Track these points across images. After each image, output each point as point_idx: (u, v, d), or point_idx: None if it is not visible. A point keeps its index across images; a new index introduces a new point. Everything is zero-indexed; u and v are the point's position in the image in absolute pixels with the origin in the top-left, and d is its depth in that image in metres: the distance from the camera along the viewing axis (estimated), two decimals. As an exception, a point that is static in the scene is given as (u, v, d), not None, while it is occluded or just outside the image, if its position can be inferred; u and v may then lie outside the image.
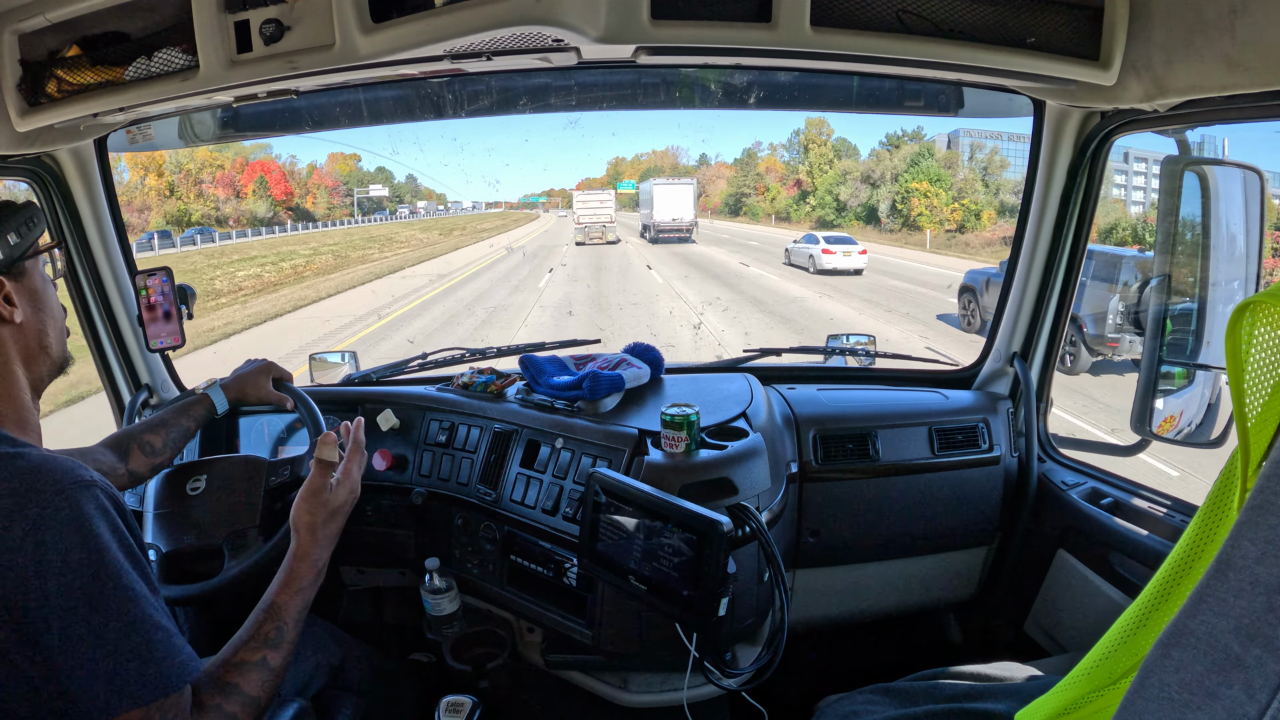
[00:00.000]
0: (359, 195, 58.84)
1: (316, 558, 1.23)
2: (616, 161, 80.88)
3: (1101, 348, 9.45)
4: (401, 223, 56.58)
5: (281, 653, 1.12)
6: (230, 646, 1.10)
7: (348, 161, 58.54)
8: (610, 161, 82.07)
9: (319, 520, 1.26)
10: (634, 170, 72.97)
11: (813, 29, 1.29)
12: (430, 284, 21.91)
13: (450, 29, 1.25)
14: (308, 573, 1.21)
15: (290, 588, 1.18)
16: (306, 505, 1.27)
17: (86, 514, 0.93)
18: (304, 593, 1.19)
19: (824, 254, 20.31)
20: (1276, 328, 0.60)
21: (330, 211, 54.74)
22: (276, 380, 1.82)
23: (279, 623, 1.14)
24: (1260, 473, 0.54)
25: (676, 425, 1.62)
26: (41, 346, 1.14)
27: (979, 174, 38.62)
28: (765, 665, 1.47)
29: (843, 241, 21.16)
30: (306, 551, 1.23)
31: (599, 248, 31.25)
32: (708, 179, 61.48)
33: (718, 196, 59.81)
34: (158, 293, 1.85)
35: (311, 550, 1.23)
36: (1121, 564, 1.79)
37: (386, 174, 62.67)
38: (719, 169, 62.45)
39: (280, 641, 1.13)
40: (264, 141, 28.95)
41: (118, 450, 1.57)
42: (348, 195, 57.75)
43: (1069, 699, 0.72)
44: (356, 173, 59.22)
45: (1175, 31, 1.31)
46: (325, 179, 56.23)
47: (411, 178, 67.99)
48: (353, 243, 36.83)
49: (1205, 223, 1.65)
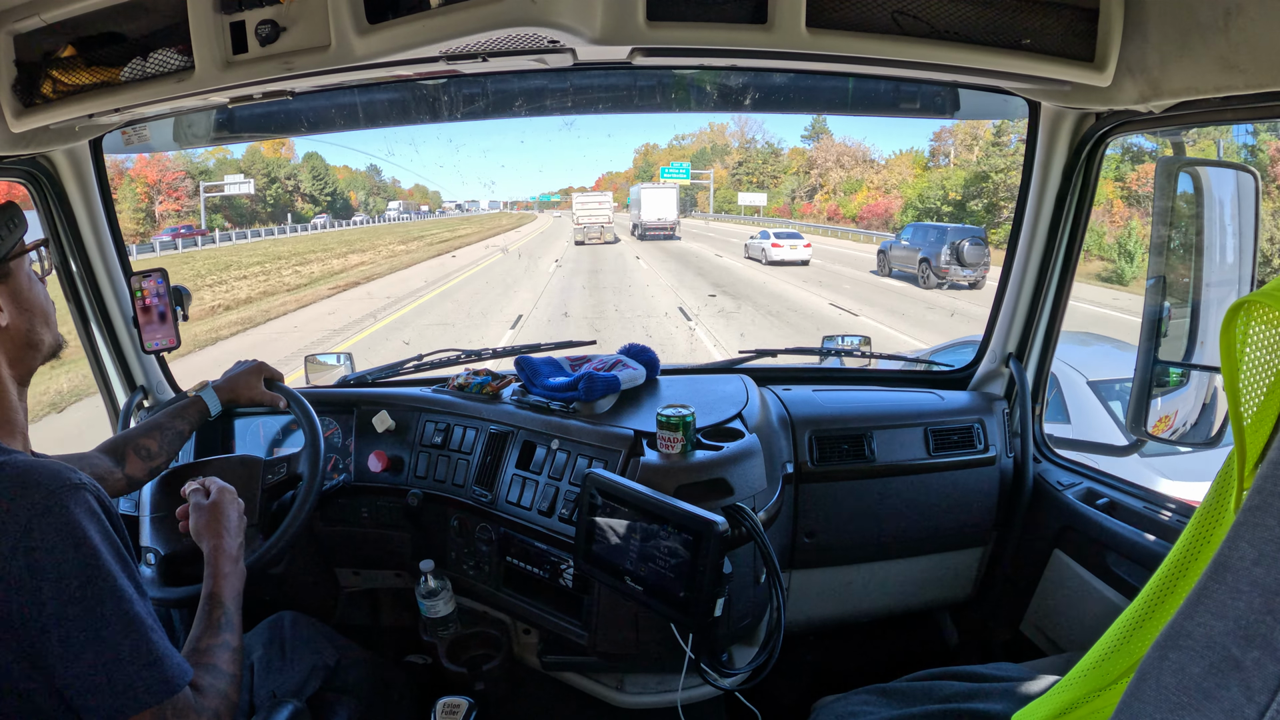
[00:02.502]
0: (208, 195, 39.98)
1: (226, 547, 1.36)
2: (647, 150, 67.86)
3: (940, 275, 18.12)
4: (341, 231, 43.19)
5: (235, 632, 1.23)
6: (193, 637, 1.18)
7: (275, 149, 44.71)
8: (639, 150, 69.73)
9: (209, 519, 1.40)
10: (672, 157, 61.72)
11: (808, 30, 1.29)
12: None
13: (446, 30, 1.25)
14: (226, 562, 1.34)
15: (218, 577, 1.30)
16: (194, 517, 1.42)
17: (76, 517, 0.93)
18: (230, 578, 1.32)
19: (773, 248, 23.39)
20: (1271, 327, 0.60)
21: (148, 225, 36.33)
22: (268, 381, 1.82)
23: (222, 607, 1.25)
24: (1257, 473, 0.54)
25: (672, 426, 1.62)
26: (30, 344, 1.15)
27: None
28: (761, 666, 1.47)
29: (790, 237, 24.66)
30: (215, 545, 1.36)
31: (597, 248, 32.12)
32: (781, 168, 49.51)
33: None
34: (153, 294, 1.84)
35: (218, 541, 1.36)
36: (1117, 564, 1.80)
37: (316, 159, 46.73)
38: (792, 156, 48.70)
39: (230, 623, 1.23)
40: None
41: (114, 455, 1.57)
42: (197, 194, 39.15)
43: (1066, 700, 0.72)
44: (288, 165, 45.37)
45: (1170, 33, 1.31)
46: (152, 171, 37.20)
47: (375, 168, 54.94)
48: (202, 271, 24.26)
49: (1199, 223, 1.66)
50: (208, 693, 1.05)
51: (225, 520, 1.41)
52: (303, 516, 1.70)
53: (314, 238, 39.50)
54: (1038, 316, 2.05)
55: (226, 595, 1.28)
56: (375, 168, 56.45)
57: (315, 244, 34.76)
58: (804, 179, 45.81)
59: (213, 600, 1.26)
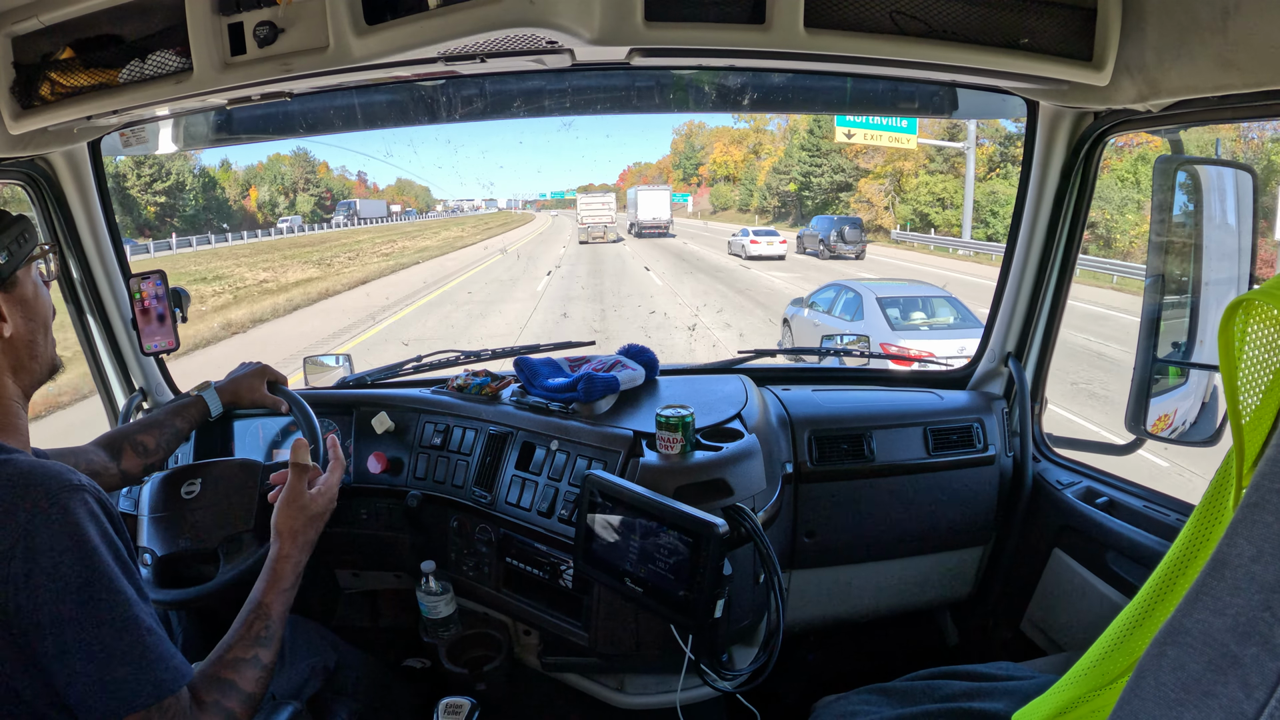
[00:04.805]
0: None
1: (297, 560, 1.27)
2: (690, 130, 66.67)
3: (831, 250, 25.21)
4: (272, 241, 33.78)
5: (271, 650, 1.16)
6: (223, 645, 1.13)
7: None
8: (679, 131, 69.13)
9: (299, 525, 1.30)
10: (714, 138, 61.73)
11: (806, 31, 1.29)
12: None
13: (444, 31, 1.25)
14: (290, 574, 1.26)
15: (275, 588, 1.23)
16: (287, 511, 1.31)
17: (76, 519, 0.93)
18: (286, 593, 1.24)
19: (751, 244, 26.08)
20: (1270, 325, 0.60)
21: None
22: (271, 383, 1.82)
23: (267, 621, 1.18)
24: (1255, 471, 0.54)
25: (671, 427, 1.62)
26: (32, 356, 1.13)
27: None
28: (762, 666, 1.47)
29: (767, 234, 27.63)
30: (288, 554, 1.27)
31: (598, 246, 33.51)
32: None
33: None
34: (152, 296, 1.84)
35: (293, 553, 1.27)
36: (1117, 563, 1.80)
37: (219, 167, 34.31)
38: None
39: (269, 639, 1.16)
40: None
41: (110, 450, 1.57)
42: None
43: (1066, 699, 0.72)
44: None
45: (1168, 32, 1.31)
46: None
47: (302, 149, 43.12)
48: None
49: (1198, 222, 1.66)
50: (210, 710, 1.02)
51: (310, 532, 1.32)
52: None
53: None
54: (1036, 316, 2.05)
55: (275, 609, 1.20)
56: (303, 149, 44.31)
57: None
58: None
59: (259, 610, 1.18)
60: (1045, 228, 1.94)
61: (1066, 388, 9.01)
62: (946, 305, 9.49)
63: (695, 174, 66.24)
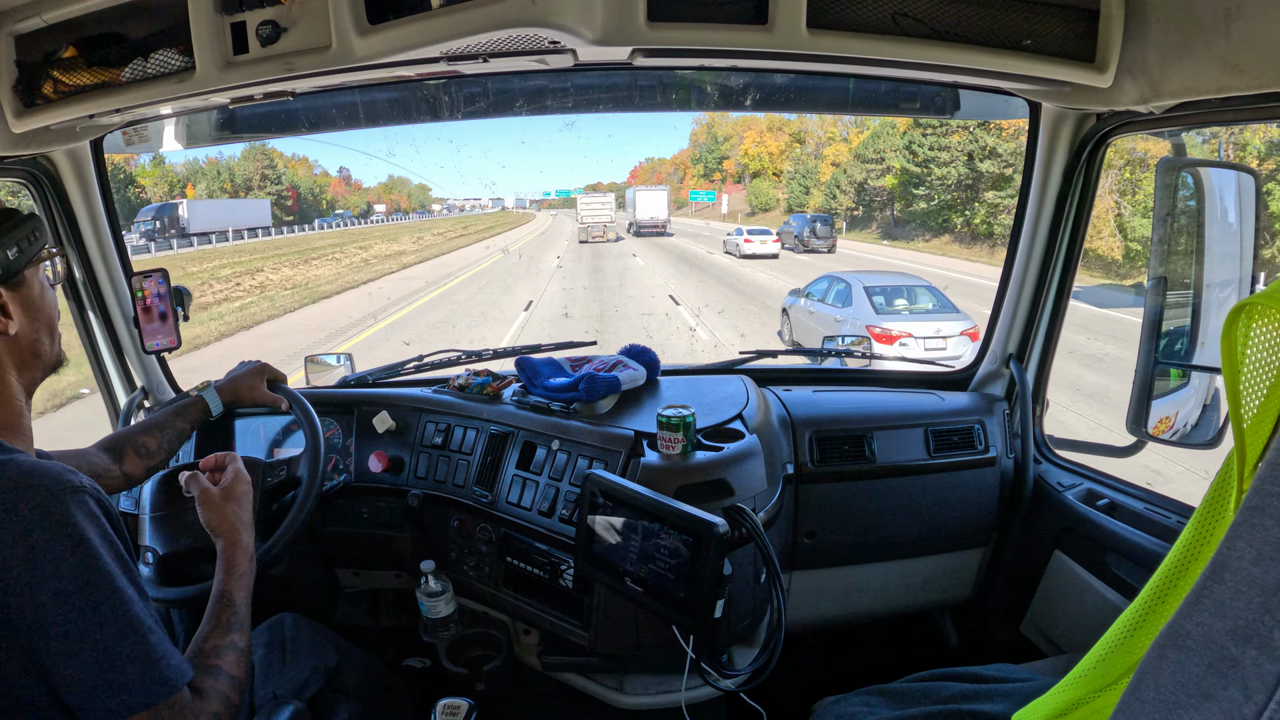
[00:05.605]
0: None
1: (244, 544, 1.32)
2: (712, 121, 58.48)
3: (805, 244, 28.42)
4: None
5: (244, 634, 1.20)
6: (199, 637, 1.16)
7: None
8: (699, 120, 61.57)
9: (227, 513, 1.35)
10: (737, 127, 54.38)
11: (809, 31, 1.29)
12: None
13: (447, 30, 1.25)
14: (241, 559, 1.30)
15: (232, 575, 1.27)
16: (207, 509, 1.35)
17: (76, 520, 0.93)
18: (244, 577, 1.28)
19: (745, 243, 27.29)
20: (1273, 328, 0.60)
21: None
22: (271, 382, 1.82)
23: (234, 608, 1.22)
24: (1256, 474, 0.54)
25: (673, 427, 1.62)
26: (35, 354, 1.14)
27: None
28: (762, 666, 1.47)
29: (760, 233, 28.70)
30: (232, 540, 1.31)
31: (598, 246, 34.03)
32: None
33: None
34: (154, 294, 1.84)
35: (235, 538, 1.32)
36: (1117, 565, 1.80)
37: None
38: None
39: (239, 624, 1.20)
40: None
41: (112, 452, 1.57)
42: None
43: (1066, 701, 0.72)
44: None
45: (1171, 34, 1.31)
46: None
47: (260, 152, 38.59)
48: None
49: (1200, 224, 1.66)
50: (208, 695, 1.04)
51: (242, 513, 1.37)
52: (301, 520, 1.70)
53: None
54: (1038, 317, 2.04)
55: (239, 595, 1.24)
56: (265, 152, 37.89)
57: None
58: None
59: (224, 600, 1.22)
60: (1047, 229, 1.94)
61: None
62: (926, 293, 10.67)
63: (719, 169, 60.60)
